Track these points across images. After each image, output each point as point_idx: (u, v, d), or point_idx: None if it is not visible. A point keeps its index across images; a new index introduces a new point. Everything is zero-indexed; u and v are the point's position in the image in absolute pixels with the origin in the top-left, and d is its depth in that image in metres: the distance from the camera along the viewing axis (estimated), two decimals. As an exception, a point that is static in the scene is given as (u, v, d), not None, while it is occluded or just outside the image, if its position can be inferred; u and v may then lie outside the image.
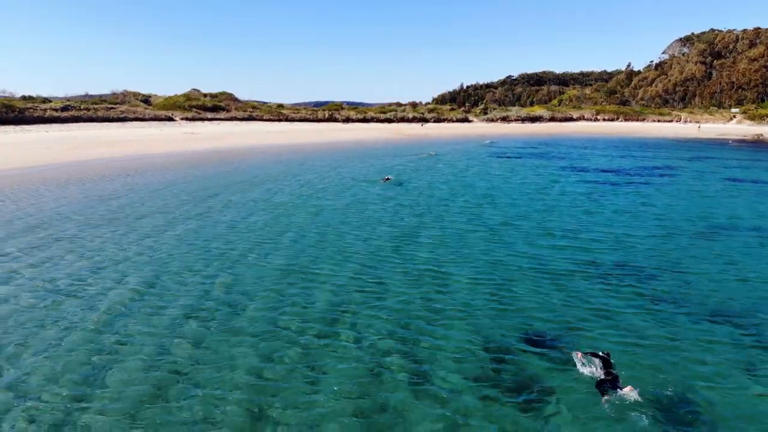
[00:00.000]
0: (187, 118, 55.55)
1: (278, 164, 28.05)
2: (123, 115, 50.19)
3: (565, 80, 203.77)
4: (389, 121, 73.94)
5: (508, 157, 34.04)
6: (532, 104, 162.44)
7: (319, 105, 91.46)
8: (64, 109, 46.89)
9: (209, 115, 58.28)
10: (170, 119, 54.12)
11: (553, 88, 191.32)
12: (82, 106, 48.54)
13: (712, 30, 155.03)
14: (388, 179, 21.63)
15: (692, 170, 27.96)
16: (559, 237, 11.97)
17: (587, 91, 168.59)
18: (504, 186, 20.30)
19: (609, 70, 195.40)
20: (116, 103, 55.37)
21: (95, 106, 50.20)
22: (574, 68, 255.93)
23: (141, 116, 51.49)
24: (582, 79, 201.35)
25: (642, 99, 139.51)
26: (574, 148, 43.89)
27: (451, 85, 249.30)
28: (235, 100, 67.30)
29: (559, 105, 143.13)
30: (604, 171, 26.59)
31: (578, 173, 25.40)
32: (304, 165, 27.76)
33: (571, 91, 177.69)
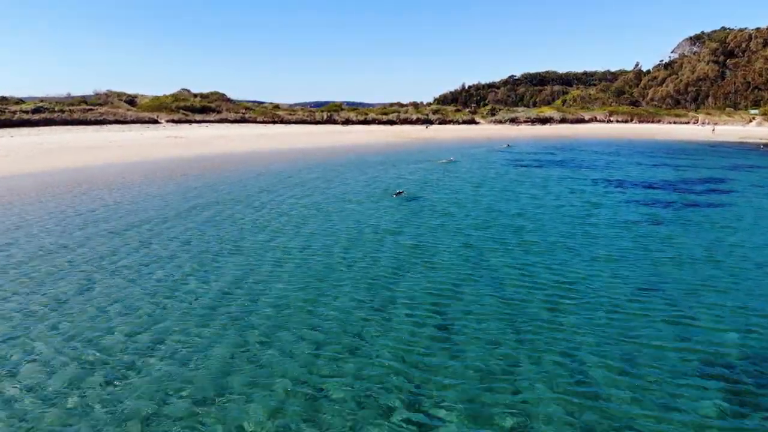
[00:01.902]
0: (173, 121, 51.39)
1: (261, 176, 23.89)
2: (102, 118, 45.99)
3: (568, 80, 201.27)
4: (392, 122, 69.76)
5: (527, 166, 29.81)
6: (535, 104, 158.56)
7: (319, 105, 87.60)
8: (36, 111, 42.75)
9: (198, 117, 54.08)
10: (155, 122, 49.97)
11: (557, 88, 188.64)
12: (56, 108, 44.40)
13: (724, 28, 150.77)
14: (400, 193, 18.61)
15: (747, 184, 23.76)
16: (658, 323, 7.72)
17: (592, 91, 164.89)
18: (538, 212, 16.07)
19: (613, 69, 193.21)
20: (98, 104, 51.26)
21: (71, 107, 46.03)
22: (578, 68, 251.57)
23: (122, 118, 47.33)
24: (586, 78, 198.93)
25: (652, 99, 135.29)
26: (598, 154, 39.63)
27: (453, 85, 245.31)
28: (228, 100, 63.05)
29: (563, 105, 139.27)
30: (648, 187, 22.33)
31: (619, 190, 21.14)
32: (292, 177, 23.60)
33: (575, 91, 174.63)
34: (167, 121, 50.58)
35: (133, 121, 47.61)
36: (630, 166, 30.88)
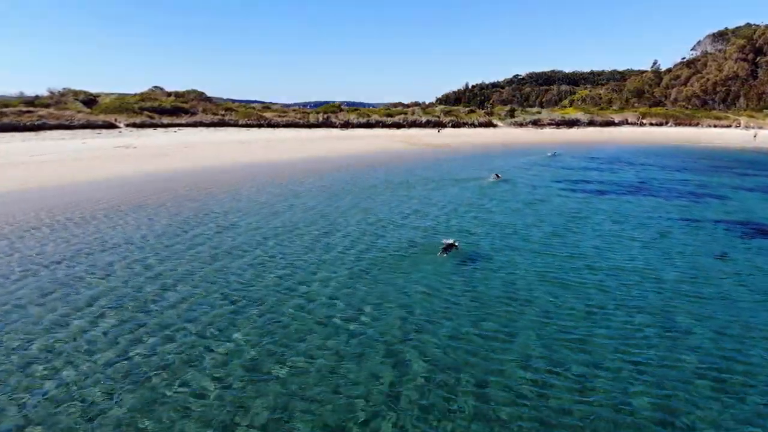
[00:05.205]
0: (134, 124, 42.45)
1: (177, 227, 14.90)
2: (40, 122, 37.07)
3: (575, 80, 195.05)
4: (398, 126, 60.64)
5: (596, 192, 20.70)
6: (542, 104, 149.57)
7: (317, 106, 78.78)
8: (-47, 113, 34.06)
9: (166, 119, 45.08)
10: (112, 126, 41.06)
11: (563, 87, 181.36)
12: (-18, 110, 35.70)
13: (749, 25, 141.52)
14: (450, 248, 10.61)
15: None
16: None
17: (601, 91, 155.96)
18: (694, 328, 7.01)
19: (620, 69, 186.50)
20: (45, 105, 42.42)
21: (4, 109, 37.22)
22: (584, 68, 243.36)
23: (68, 122, 38.39)
24: (593, 78, 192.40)
25: (677, 100, 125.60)
26: (670, 170, 30.33)
27: (455, 85, 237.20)
28: (206, 99, 54.01)
29: (571, 105, 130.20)
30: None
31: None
32: (235, 226, 14.63)
33: (583, 91, 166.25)
34: (127, 125, 41.71)
35: (83, 126, 38.75)
36: (736, 193, 21.73)
